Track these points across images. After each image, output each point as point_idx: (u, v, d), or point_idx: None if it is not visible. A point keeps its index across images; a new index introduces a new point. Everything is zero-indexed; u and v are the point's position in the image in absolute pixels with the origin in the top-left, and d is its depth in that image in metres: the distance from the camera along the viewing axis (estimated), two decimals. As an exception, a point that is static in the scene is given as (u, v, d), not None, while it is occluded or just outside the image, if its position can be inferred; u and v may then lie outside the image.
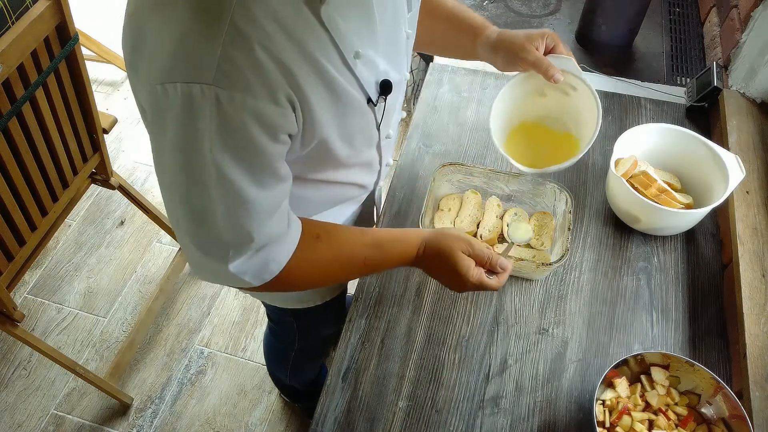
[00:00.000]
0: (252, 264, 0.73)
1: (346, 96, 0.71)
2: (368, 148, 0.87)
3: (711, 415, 0.86)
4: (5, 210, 1.31)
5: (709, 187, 1.06)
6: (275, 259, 0.76)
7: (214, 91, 0.58)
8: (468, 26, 0.99)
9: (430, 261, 0.87)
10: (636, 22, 1.39)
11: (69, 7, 1.30)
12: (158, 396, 1.84)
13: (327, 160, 0.80)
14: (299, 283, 0.84)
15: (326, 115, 0.70)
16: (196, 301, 2.04)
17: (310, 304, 1.14)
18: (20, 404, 1.82)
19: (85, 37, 2.46)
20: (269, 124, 0.63)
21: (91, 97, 1.48)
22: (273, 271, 0.76)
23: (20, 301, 2.03)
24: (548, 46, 0.93)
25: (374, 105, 0.77)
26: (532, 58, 0.91)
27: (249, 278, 0.75)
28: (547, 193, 1.07)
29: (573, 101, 0.97)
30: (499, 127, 1.00)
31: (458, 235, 0.87)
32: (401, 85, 0.87)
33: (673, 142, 1.10)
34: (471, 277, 0.84)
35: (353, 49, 0.69)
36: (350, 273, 0.89)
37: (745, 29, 1.21)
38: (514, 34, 0.94)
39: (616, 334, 0.99)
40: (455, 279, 0.86)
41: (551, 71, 0.90)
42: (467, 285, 0.86)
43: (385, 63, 0.77)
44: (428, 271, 0.91)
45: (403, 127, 2.52)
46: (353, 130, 0.78)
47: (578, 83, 0.94)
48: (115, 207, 2.28)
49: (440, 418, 0.91)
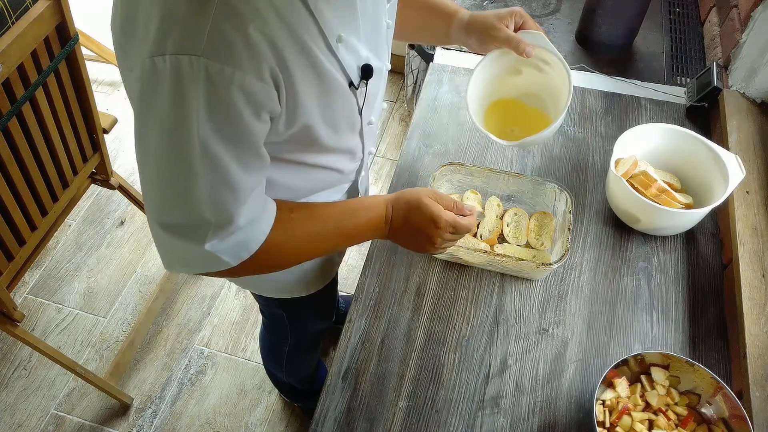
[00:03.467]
0: (229, 243, 0.73)
1: (330, 78, 0.72)
2: (351, 134, 0.88)
3: (711, 415, 0.86)
4: (5, 210, 1.31)
5: (709, 187, 1.06)
6: (253, 237, 0.76)
7: (204, 63, 0.59)
8: (441, 11, 1.02)
9: (400, 218, 0.88)
10: (636, 22, 1.39)
11: (69, 7, 1.30)
12: (158, 396, 1.84)
13: (310, 143, 0.81)
14: (277, 259, 0.84)
15: (311, 96, 0.71)
16: (196, 301, 2.04)
17: (297, 294, 1.14)
18: (20, 404, 1.82)
19: (85, 37, 2.46)
20: (255, 101, 0.64)
21: (91, 97, 1.48)
22: (251, 249, 0.76)
23: (20, 301, 2.03)
24: (517, 23, 0.96)
25: (356, 89, 0.79)
26: (503, 35, 0.94)
27: (227, 257, 0.74)
28: (547, 193, 1.08)
29: (548, 76, 0.98)
30: (476, 105, 1.01)
31: (421, 188, 0.90)
32: (382, 73, 0.89)
33: (673, 142, 1.10)
34: (445, 216, 0.86)
35: (336, 33, 0.70)
36: (326, 244, 0.89)
37: (745, 29, 1.21)
38: (485, 14, 0.97)
39: (616, 334, 0.99)
40: (428, 229, 0.86)
41: (522, 46, 0.93)
42: (441, 229, 0.86)
43: (366, 50, 0.78)
44: (399, 233, 0.91)
45: (403, 127, 2.53)
46: (336, 114, 0.79)
47: (550, 57, 0.96)
48: (115, 207, 2.28)
49: (440, 418, 0.91)
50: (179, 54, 0.59)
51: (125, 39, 0.64)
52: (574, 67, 1.39)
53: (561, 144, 1.24)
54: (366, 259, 1.07)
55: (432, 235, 0.87)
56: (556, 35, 1.48)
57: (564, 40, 1.47)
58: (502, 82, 1.02)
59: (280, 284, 1.11)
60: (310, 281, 1.13)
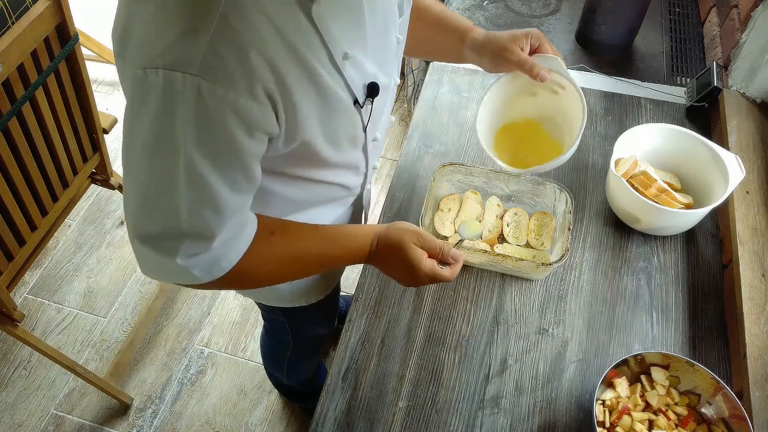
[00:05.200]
0: (202, 259, 0.72)
1: (333, 96, 0.72)
2: (354, 150, 0.87)
3: (711, 415, 0.86)
4: (5, 210, 1.31)
5: (709, 187, 1.06)
6: (226, 256, 0.74)
7: (197, 82, 0.58)
8: (454, 29, 1.00)
9: (382, 255, 0.87)
10: (636, 22, 1.39)
11: (69, 7, 1.30)
12: (158, 396, 1.84)
13: (311, 159, 0.80)
14: (251, 279, 0.82)
15: (310, 114, 0.70)
16: (196, 301, 2.04)
17: (298, 304, 1.14)
18: (20, 404, 1.82)
19: (85, 37, 2.46)
20: (248, 121, 0.63)
21: (91, 97, 1.48)
22: (224, 268, 0.74)
23: (20, 301, 2.03)
24: (533, 45, 0.94)
25: (361, 107, 0.78)
26: (516, 59, 0.92)
27: (198, 272, 0.72)
28: (547, 193, 1.07)
29: (563, 100, 0.97)
30: (487, 127, 1.00)
31: (408, 228, 0.87)
32: (390, 89, 0.87)
33: (673, 142, 1.10)
34: (424, 267, 0.84)
35: (342, 50, 0.69)
36: (304, 269, 0.88)
37: (745, 29, 1.21)
38: (499, 35, 0.95)
39: (616, 334, 0.99)
40: (409, 272, 0.85)
41: (536, 70, 0.91)
42: (420, 277, 0.85)
43: (374, 66, 0.77)
44: (382, 267, 0.90)
45: (403, 127, 2.53)
46: (338, 132, 0.78)
47: (565, 82, 0.94)
48: (115, 207, 2.28)
49: (440, 418, 0.91)
50: (173, 70, 0.58)
51: (122, 47, 0.63)
52: (574, 67, 1.39)
53: (561, 144, 1.24)
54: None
55: (408, 279, 0.87)
56: (556, 35, 1.48)
57: (564, 40, 1.47)
58: (514, 103, 1.01)
59: (282, 294, 1.10)
60: (312, 290, 1.12)
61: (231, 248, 0.74)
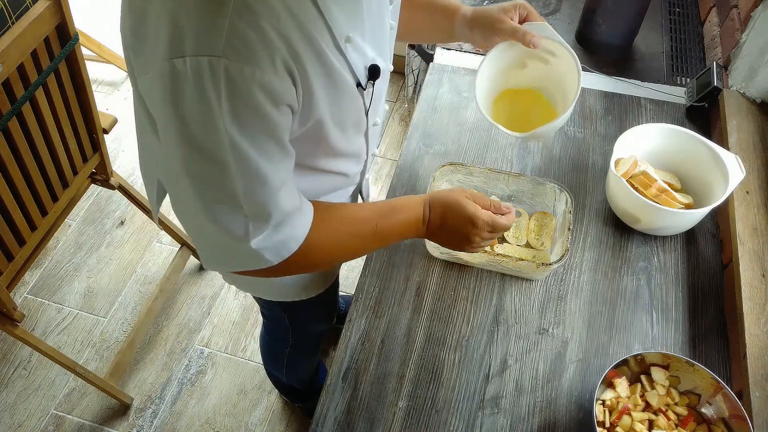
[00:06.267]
0: (271, 241, 0.74)
1: (339, 77, 0.73)
2: (357, 135, 0.89)
3: (711, 415, 0.86)
4: (5, 210, 1.31)
5: (709, 187, 1.06)
6: (293, 236, 0.77)
7: (224, 64, 0.60)
8: (443, 9, 1.02)
9: (439, 216, 0.88)
10: (636, 22, 1.39)
11: (69, 7, 1.30)
12: (158, 396, 1.84)
13: (320, 143, 0.81)
14: (318, 258, 0.85)
15: (322, 95, 0.72)
16: (196, 301, 2.04)
17: (297, 298, 1.14)
18: (20, 404, 1.82)
19: (85, 37, 2.46)
20: (274, 96, 0.64)
21: (91, 97, 1.48)
22: (291, 249, 0.77)
23: (20, 301, 2.03)
24: (521, 15, 0.96)
25: (363, 89, 0.79)
26: (508, 27, 0.94)
27: (269, 255, 0.75)
28: (547, 193, 1.08)
29: (554, 68, 0.98)
30: (484, 99, 1.01)
31: (455, 188, 0.91)
32: (386, 75, 0.89)
33: (673, 142, 1.10)
34: (482, 215, 0.86)
35: (344, 33, 0.71)
36: (364, 244, 0.90)
37: (745, 29, 1.21)
38: (488, 8, 0.97)
39: (616, 334, 0.99)
40: (467, 228, 0.87)
41: (528, 37, 0.92)
42: (480, 226, 0.86)
43: (372, 51, 0.79)
44: (440, 230, 0.90)
45: (403, 127, 2.53)
46: (344, 114, 0.80)
47: (556, 47, 0.95)
48: (115, 207, 2.28)
49: (440, 418, 0.91)
50: (199, 56, 0.59)
51: (136, 40, 0.64)
52: (574, 67, 1.39)
53: (561, 144, 1.24)
54: (366, 259, 1.07)
55: (470, 234, 0.88)
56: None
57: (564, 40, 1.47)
58: (509, 75, 1.02)
59: (281, 287, 1.11)
60: (311, 284, 1.13)
61: (294, 228, 0.77)
